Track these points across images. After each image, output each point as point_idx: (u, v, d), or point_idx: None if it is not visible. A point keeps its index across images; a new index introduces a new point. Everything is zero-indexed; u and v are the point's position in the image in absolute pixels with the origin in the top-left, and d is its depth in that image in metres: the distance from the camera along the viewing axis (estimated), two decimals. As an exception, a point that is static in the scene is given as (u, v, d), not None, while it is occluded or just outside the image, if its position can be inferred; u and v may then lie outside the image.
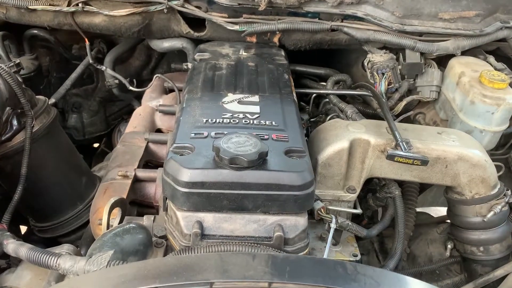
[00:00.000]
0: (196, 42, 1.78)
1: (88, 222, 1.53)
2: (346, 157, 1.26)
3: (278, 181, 0.98)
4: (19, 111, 1.32)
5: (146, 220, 1.16)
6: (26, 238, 1.67)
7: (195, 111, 1.23)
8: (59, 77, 2.26)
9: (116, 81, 2.03)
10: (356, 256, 1.24)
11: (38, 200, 1.43)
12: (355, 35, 1.60)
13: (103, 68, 1.93)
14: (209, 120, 1.17)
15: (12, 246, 0.94)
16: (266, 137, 1.11)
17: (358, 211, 1.29)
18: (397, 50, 1.64)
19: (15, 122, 1.31)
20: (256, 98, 1.30)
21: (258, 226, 1.00)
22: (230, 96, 1.30)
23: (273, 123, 1.17)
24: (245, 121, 1.17)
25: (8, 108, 1.29)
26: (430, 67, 1.64)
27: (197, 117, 1.20)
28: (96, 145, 2.61)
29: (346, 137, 1.26)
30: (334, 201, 1.30)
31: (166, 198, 1.06)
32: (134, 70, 2.31)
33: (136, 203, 1.43)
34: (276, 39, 1.72)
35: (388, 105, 1.56)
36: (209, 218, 1.00)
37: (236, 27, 1.64)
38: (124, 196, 1.30)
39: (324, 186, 1.31)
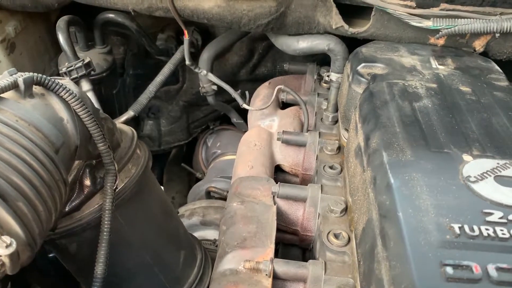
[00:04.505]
0: (346, 42, 1.19)
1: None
2: None
3: None
4: (94, 162, 0.78)
5: None
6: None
7: (421, 197, 0.64)
8: (135, 74, 1.73)
9: (214, 87, 1.47)
10: None
11: (114, 292, 0.91)
12: None
13: (203, 72, 1.36)
14: (465, 228, 0.58)
15: None
16: None
17: None
18: None
19: (87, 182, 0.78)
20: (521, 171, 0.69)
21: None
22: (472, 164, 0.70)
23: None
24: (540, 237, 0.58)
25: (77, 163, 0.75)
26: None
27: (432, 215, 0.61)
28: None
29: None
30: None
31: None
32: (230, 68, 1.74)
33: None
34: (480, 44, 1.09)
35: None
36: None
37: (428, 23, 1.02)
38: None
39: None
